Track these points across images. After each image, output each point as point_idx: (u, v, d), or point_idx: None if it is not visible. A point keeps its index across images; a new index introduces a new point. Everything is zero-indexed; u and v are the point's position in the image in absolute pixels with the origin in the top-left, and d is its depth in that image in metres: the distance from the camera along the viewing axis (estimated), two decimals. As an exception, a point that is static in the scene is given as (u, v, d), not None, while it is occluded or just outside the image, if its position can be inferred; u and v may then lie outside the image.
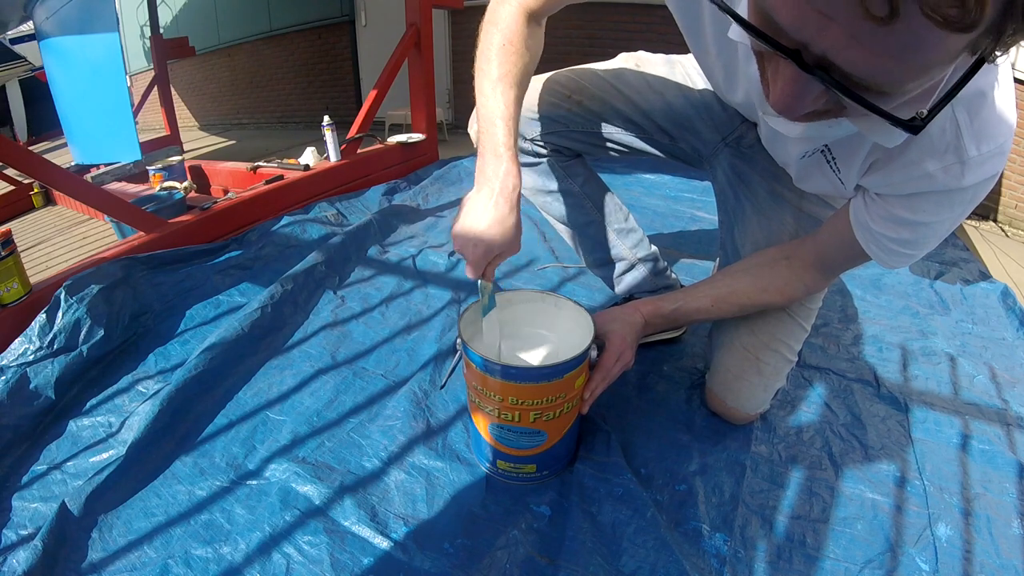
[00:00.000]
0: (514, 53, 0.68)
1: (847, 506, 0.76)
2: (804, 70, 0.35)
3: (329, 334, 1.13)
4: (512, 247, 0.68)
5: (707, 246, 1.57)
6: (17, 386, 0.91)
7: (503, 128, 0.66)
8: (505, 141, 0.66)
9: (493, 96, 0.67)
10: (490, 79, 0.68)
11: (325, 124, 1.99)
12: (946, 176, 0.53)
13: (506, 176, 0.65)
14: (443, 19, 3.79)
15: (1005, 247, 1.82)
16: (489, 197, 0.65)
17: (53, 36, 2.55)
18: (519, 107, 0.70)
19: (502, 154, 0.66)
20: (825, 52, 0.33)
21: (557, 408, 0.70)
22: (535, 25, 0.71)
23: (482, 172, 0.67)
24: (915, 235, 0.60)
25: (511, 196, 0.66)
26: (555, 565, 0.67)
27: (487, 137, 0.67)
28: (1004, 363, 1.06)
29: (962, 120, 0.50)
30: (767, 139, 0.75)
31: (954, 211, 0.57)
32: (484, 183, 0.66)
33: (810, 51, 0.34)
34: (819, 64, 0.34)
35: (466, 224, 0.66)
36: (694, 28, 0.67)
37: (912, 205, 0.58)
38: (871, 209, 0.62)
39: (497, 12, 0.69)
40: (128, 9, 5.20)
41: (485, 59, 0.69)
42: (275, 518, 0.72)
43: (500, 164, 0.66)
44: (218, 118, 5.93)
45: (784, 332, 0.83)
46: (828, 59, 0.34)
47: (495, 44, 0.68)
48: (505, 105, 0.67)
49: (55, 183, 1.35)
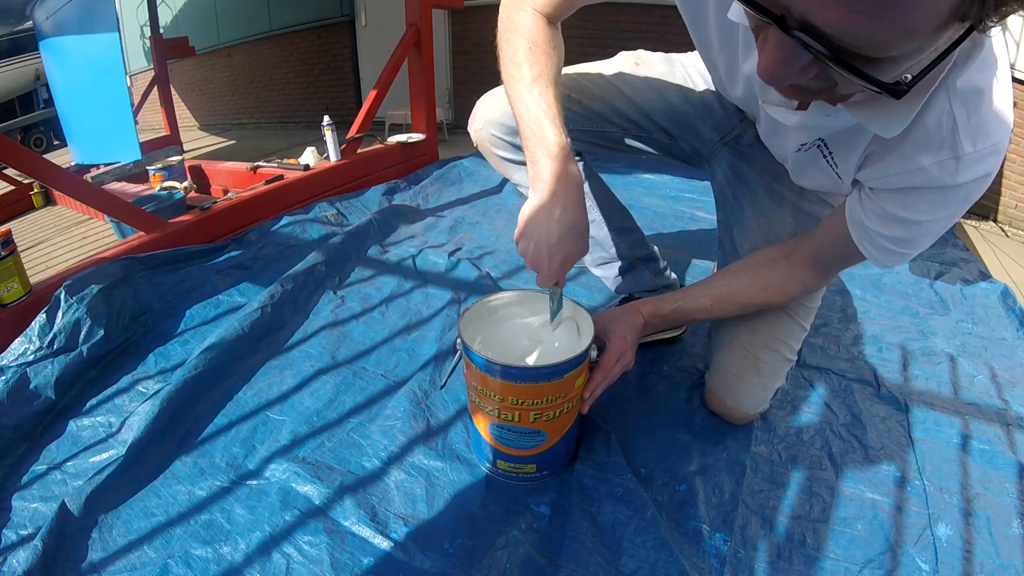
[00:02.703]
0: (543, 54, 0.67)
1: (847, 506, 0.76)
2: (787, 33, 0.35)
3: (329, 334, 1.13)
4: (585, 249, 0.66)
5: (707, 246, 1.57)
6: (17, 386, 0.91)
7: (551, 128, 0.64)
8: (558, 140, 0.64)
9: (532, 98, 0.65)
10: (524, 83, 0.66)
11: (325, 124, 1.99)
12: (940, 171, 0.53)
13: (567, 177, 0.63)
14: (443, 19, 3.78)
15: (1005, 247, 1.82)
16: (554, 203, 0.63)
17: (53, 36, 2.56)
18: (561, 105, 0.67)
19: (556, 154, 0.63)
20: (805, 14, 0.34)
21: (557, 408, 0.70)
22: (554, 28, 0.70)
23: (538, 177, 0.64)
24: (908, 233, 0.60)
25: (577, 197, 0.63)
26: (555, 565, 0.67)
27: (535, 141, 0.64)
28: (1004, 363, 1.06)
29: (959, 116, 0.50)
30: (766, 132, 0.75)
31: (948, 209, 0.57)
32: (543, 188, 0.63)
33: (792, 15, 0.34)
34: (802, 28, 0.34)
35: (537, 236, 0.64)
36: (699, 20, 0.66)
37: (905, 202, 0.58)
38: (866, 205, 0.62)
39: (515, 19, 0.68)
40: (128, 9, 5.20)
41: (515, 65, 0.67)
42: (275, 518, 0.72)
43: (558, 165, 0.63)
44: (218, 118, 5.93)
45: (783, 331, 0.83)
46: (809, 21, 0.34)
47: (521, 49, 0.67)
48: (547, 104, 0.65)
49: (55, 183, 1.35)
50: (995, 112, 0.50)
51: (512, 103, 0.68)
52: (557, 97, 0.66)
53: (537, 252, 0.64)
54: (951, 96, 0.50)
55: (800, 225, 0.81)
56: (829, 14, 0.33)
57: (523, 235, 0.65)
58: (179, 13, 5.53)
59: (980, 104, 0.50)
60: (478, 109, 0.92)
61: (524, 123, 0.66)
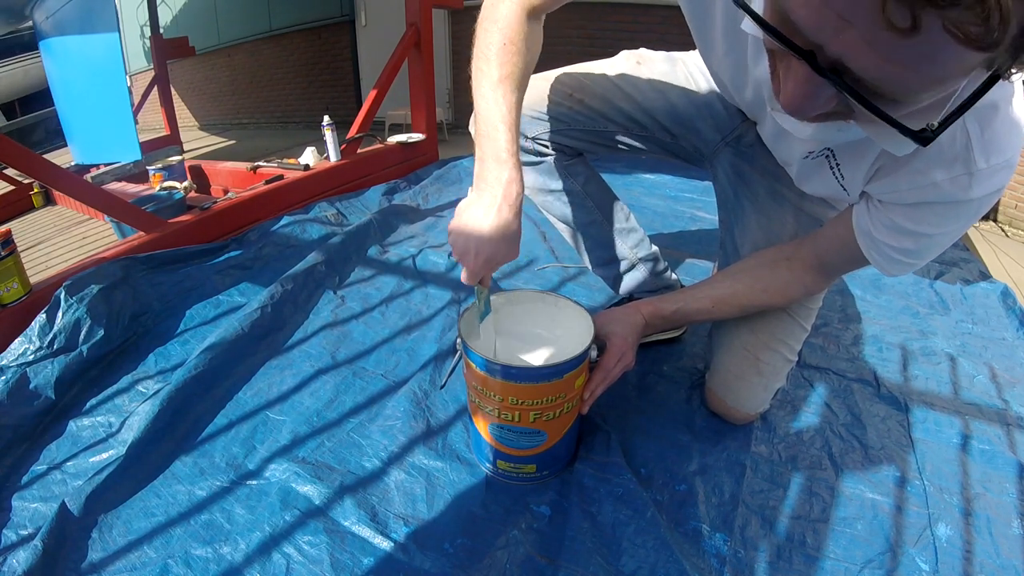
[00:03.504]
0: (515, 53, 0.67)
1: (847, 506, 0.76)
2: (818, 72, 0.34)
3: (329, 334, 1.13)
4: (512, 254, 0.67)
5: (707, 246, 1.57)
6: (17, 386, 0.91)
7: (505, 133, 0.64)
8: (507, 147, 0.64)
9: (494, 99, 0.66)
10: (490, 80, 0.66)
11: (325, 124, 1.99)
12: (953, 187, 0.53)
13: (509, 183, 0.64)
14: (443, 19, 3.78)
15: (1005, 247, 1.82)
16: (491, 204, 0.63)
17: (53, 36, 2.56)
18: (520, 110, 0.68)
19: (504, 159, 0.64)
20: (840, 56, 0.33)
21: (557, 408, 0.70)
22: (535, 22, 0.70)
23: (482, 177, 0.65)
24: (918, 245, 0.60)
25: (515, 203, 0.64)
26: (555, 565, 0.67)
27: (488, 141, 0.65)
28: (1004, 363, 1.06)
29: (973, 131, 0.50)
30: (771, 136, 0.75)
31: (958, 223, 0.57)
32: (485, 189, 0.65)
33: (825, 53, 0.34)
34: (833, 67, 0.34)
35: (466, 231, 0.65)
36: (704, 26, 0.66)
37: (916, 216, 0.58)
38: (874, 217, 0.62)
39: (496, 9, 0.68)
40: (128, 9, 5.20)
41: (484, 59, 0.67)
42: (275, 518, 0.72)
43: (503, 170, 0.64)
44: (218, 118, 5.93)
45: (784, 332, 0.83)
46: (843, 63, 0.33)
47: (495, 43, 0.67)
48: (508, 109, 0.65)
49: (55, 183, 1.35)
50: (1009, 127, 0.50)
51: (475, 96, 0.69)
52: (519, 102, 0.67)
53: (465, 246, 0.65)
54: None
55: (801, 225, 0.81)
56: (866, 59, 0.32)
57: (455, 228, 0.66)
58: (179, 13, 5.53)
59: (994, 119, 0.50)
60: None
61: (481, 120, 0.67)
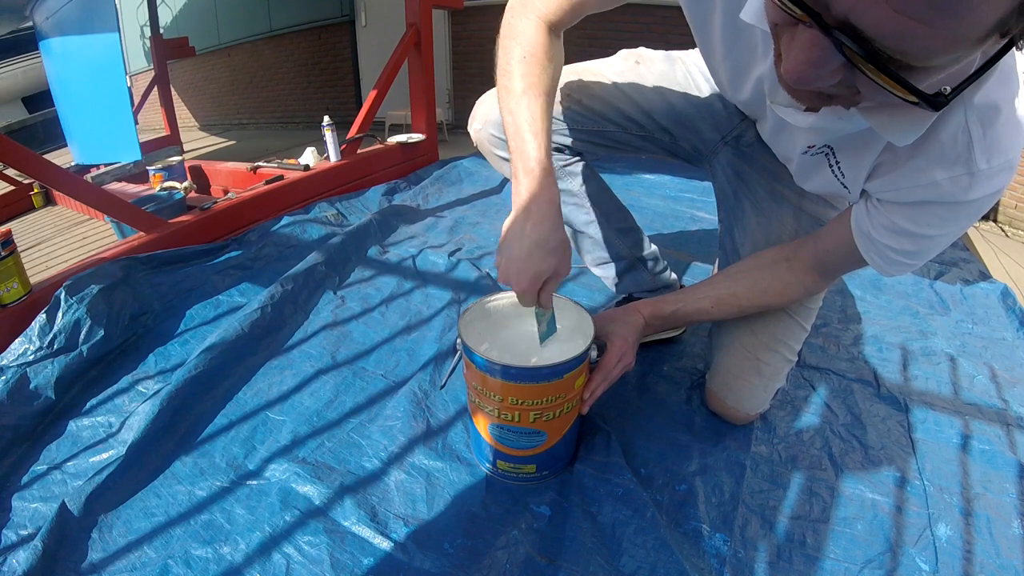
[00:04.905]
0: (536, 64, 0.65)
1: (847, 506, 0.76)
2: (824, 31, 0.33)
3: (329, 334, 1.13)
4: (562, 267, 0.64)
5: (707, 246, 1.57)
6: (17, 386, 0.91)
7: (533, 142, 0.63)
8: (536, 155, 0.63)
9: (519, 111, 0.64)
10: (514, 94, 0.65)
11: (325, 124, 1.99)
12: (953, 187, 0.53)
13: (541, 192, 0.62)
14: (443, 19, 3.79)
15: (1005, 247, 1.82)
16: (526, 219, 0.62)
17: (53, 36, 2.55)
18: (549, 118, 0.66)
19: (533, 169, 0.62)
20: (848, 13, 0.32)
21: (557, 408, 0.70)
22: (555, 37, 0.69)
23: (516, 193, 0.63)
24: (917, 247, 0.60)
25: (549, 213, 0.62)
26: (555, 565, 0.67)
27: (517, 155, 0.64)
28: (1004, 363, 1.06)
29: (975, 131, 0.50)
30: (772, 132, 0.74)
31: (957, 224, 0.57)
32: (519, 205, 0.63)
33: (832, 13, 0.33)
34: (841, 28, 0.33)
35: (507, 253, 0.63)
36: (703, 25, 0.66)
37: (915, 216, 0.58)
38: (873, 218, 0.62)
39: (515, 26, 0.67)
40: (128, 9, 5.20)
41: (506, 75, 0.66)
42: (275, 518, 0.72)
43: (534, 181, 0.62)
44: (218, 118, 5.93)
45: (784, 332, 0.83)
46: (851, 22, 0.32)
47: (515, 57, 0.66)
48: (533, 117, 0.63)
49: (55, 183, 1.35)
50: (1010, 128, 0.50)
51: (501, 113, 0.68)
52: (545, 109, 0.65)
53: (507, 267, 0.64)
54: (967, 111, 0.49)
55: (801, 225, 0.81)
56: (875, 15, 0.31)
57: (499, 250, 0.65)
58: (179, 13, 5.53)
59: (996, 120, 0.49)
60: (478, 109, 0.92)
61: (509, 136, 0.65)
